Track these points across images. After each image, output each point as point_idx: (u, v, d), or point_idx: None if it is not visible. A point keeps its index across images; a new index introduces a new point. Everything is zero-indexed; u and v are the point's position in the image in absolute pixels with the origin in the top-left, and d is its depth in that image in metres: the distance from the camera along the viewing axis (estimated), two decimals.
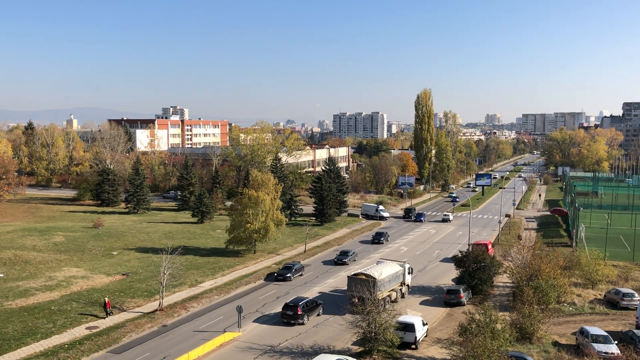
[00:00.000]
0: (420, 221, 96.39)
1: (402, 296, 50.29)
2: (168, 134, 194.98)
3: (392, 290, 48.50)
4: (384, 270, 47.31)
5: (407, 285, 51.75)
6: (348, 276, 47.62)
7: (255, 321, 43.70)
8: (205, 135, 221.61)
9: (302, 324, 42.50)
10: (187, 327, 42.04)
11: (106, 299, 44.34)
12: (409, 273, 51.74)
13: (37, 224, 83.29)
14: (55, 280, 52.94)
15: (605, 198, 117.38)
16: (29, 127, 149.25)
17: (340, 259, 64.03)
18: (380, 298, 43.02)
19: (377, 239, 76.69)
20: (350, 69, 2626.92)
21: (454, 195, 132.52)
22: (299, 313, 42.38)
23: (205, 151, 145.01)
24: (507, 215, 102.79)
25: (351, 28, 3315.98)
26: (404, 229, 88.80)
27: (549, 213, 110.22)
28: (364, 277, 45.53)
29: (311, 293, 51.72)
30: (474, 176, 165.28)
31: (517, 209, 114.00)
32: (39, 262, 59.58)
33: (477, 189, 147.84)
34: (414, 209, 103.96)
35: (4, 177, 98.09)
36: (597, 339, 37.18)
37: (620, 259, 64.65)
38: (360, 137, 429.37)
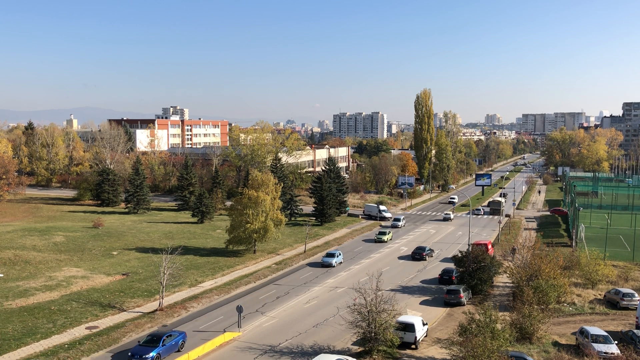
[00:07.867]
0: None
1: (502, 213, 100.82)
2: (168, 134, 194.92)
3: (503, 207, 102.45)
4: (501, 200, 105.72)
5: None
6: (489, 201, 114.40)
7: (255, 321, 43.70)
8: (205, 135, 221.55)
9: None
10: (187, 327, 41.89)
11: None
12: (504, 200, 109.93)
13: (37, 224, 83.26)
14: (55, 280, 52.94)
15: (605, 198, 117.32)
16: (29, 127, 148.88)
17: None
18: (500, 209, 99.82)
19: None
20: (350, 68, 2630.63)
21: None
22: None
23: (205, 151, 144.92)
24: (507, 215, 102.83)
25: (351, 26, 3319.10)
26: (403, 229, 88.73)
27: (548, 213, 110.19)
28: (497, 200, 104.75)
29: (311, 294, 51.78)
30: (474, 176, 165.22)
31: (517, 209, 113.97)
32: (39, 262, 59.57)
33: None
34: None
35: (4, 177, 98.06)
36: (597, 339, 37.18)
37: (620, 259, 64.61)
38: (360, 137, 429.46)
